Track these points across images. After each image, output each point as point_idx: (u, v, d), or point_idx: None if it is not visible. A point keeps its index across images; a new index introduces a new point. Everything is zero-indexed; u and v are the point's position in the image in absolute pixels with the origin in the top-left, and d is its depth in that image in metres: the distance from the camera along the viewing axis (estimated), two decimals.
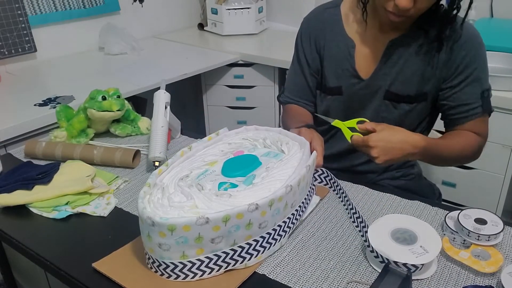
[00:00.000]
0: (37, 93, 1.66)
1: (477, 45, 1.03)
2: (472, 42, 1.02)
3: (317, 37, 1.15)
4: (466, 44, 1.01)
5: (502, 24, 1.96)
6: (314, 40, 1.16)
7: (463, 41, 1.01)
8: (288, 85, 1.26)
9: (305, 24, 1.19)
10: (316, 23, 1.15)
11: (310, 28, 1.17)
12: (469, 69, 1.02)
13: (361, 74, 1.10)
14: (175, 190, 0.79)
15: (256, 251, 0.77)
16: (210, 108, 2.35)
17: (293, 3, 2.46)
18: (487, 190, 1.72)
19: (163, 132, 1.11)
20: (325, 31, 1.14)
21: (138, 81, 1.77)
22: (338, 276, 0.76)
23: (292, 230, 0.85)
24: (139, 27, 2.43)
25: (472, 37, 1.02)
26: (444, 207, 0.94)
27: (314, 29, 1.16)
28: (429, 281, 0.74)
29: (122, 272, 0.76)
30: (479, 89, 1.03)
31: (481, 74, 1.03)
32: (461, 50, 1.02)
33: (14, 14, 1.87)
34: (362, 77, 1.10)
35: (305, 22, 1.19)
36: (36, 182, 1.00)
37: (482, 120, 1.06)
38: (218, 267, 0.75)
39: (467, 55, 1.01)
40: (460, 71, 1.02)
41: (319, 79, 1.18)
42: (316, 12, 1.18)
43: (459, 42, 1.01)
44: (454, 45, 1.02)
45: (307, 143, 0.91)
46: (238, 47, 2.25)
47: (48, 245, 0.87)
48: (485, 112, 1.05)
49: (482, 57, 1.04)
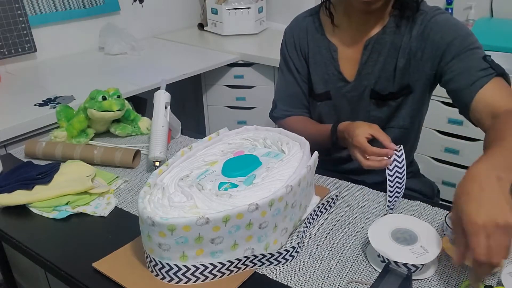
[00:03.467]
0: (37, 93, 1.66)
1: (452, 25, 0.98)
2: (446, 23, 0.98)
3: (301, 45, 1.16)
4: (439, 27, 0.98)
5: (502, 24, 1.96)
6: (299, 48, 1.17)
7: (434, 25, 0.99)
8: (281, 98, 1.23)
9: (288, 33, 1.20)
10: (299, 31, 1.17)
11: (294, 37, 1.18)
12: (456, 45, 0.95)
13: (347, 76, 1.11)
14: (175, 190, 0.79)
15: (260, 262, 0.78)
16: (210, 108, 2.35)
17: (293, 3, 2.47)
18: None
19: (163, 132, 1.11)
20: (307, 39, 1.15)
21: (138, 81, 1.77)
22: (338, 276, 0.76)
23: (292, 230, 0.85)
24: (139, 27, 2.43)
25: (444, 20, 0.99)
26: (444, 207, 0.94)
27: (297, 37, 1.17)
28: (429, 281, 0.74)
29: (122, 272, 0.76)
30: (480, 56, 0.93)
31: (474, 44, 0.95)
32: (436, 34, 0.98)
33: (14, 14, 1.87)
34: (347, 79, 1.11)
35: (288, 31, 1.20)
36: (36, 182, 1.00)
37: (501, 83, 0.90)
38: (213, 276, 0.75)
39: (445, 35, 0.97)
40: (449, 50, 0.96)
41: (308, 86, 1.18)
42: (297, 21, 1.19)
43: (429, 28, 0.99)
44: (424, 33, 1.00)
45: (307, 143, 0.91)
46: (238, 47, 2.25)
47: (48, 245, 0.87)
48: (499, 73, 0.91)
49: (464, 31, 0.97)
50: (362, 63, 1.08)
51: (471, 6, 2.02)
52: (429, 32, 0.99)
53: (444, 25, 0.99)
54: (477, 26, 1.93)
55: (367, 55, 1.07)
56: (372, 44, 1.06)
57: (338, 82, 1.12)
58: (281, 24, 2.58)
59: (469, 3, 2.03)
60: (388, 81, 1.07)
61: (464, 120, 1.07)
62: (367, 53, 1.07)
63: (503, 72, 0.92)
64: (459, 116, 1.00)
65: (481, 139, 1.66)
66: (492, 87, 0.90)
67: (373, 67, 1.07)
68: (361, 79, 1.09)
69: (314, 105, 1.19)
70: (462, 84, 0.93)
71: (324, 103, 1.16)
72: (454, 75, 0.95)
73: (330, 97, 1.14)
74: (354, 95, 1.11)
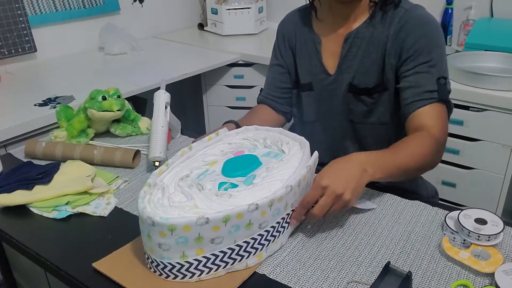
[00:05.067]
0: (37, 93, 1.66)
1: (429, 31, 1.01)
2: (422, 28, 1.01)
3: (289, 37, 1.21)
4: (416, 29, 1.01)
5: (502, 24, 1.96)
6: (287, 41, 1.22)
7: (412, 27, 1.01)
8: (265, 86, 1.30)
9: (279, 27, 1.25)
10: (289, 24, 1.22)
11: (283, 30, 1.23)
12: (421, 55, 1.00)
13: (329, 69, 1.14)
14: (175, 190, 0.79)
15: (254, 249, 0.77)
16: (210, 108, 2.35)
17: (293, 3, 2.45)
18: (487, 190, 1.72)
19: (163, 132, 1.11)
20: (295, 31, 1.20)
21: (138, 81, 1.77)
22: (338, 276, 0.76)
23: (292, 230, 0.85)
24: (139, 27, 2.43)
25: (423, 23, 1.01)
26: (444, 207, 0.94)
27: (287, 30, 1.22)
28: (429, 281, 0.74)
29: (122, 272, 0.76)
30: (435, 75, 1.00)
31: (437, 61, 1.00)
32: (410, 37, 1.01)
33: (14, 14, 1.87)
34: (329, 72, 1.14)
35: (279, 25, 1.26)
36: (36, 182, 1.00)
37: (438, 109, 0.99)
38: (216, 266, 0.74)
39: (418, 41, 1.00)
40: (412, 58, 1.01)
41: (293, 77, 1.22)
42: (289, 15, 1.25)
43: (406, 29, 1.01)
44: (400, 32, 1.02)
45: (307, 143, 0.91)
46: (238, 47, 2.25)
47: (48, 245, 0.87)
48: (441, 99, 0.99)
49: (436, 42, 1.01)
50: (342, 56, 1.11)
51: (471, 6, 2.01)
52: (403, 34, 1.02)
53: (419, 30, 1.01)
54: (477, 26, 1.93)
55: (346, 49, 1.09)
56: (352, 38, 1.08)
57: (321, 74, 1.15)
58: None
59: (469, 3, 2.03)
60: (365, 76, 1.09)
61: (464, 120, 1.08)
62: (347, 46, 1.09)
63: (444, 99, 1.00)
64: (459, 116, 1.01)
65: (481, 139, 1.67)
66: (427, 111, 0.99)
67: (352, 61, 1.10)
68: (341, 72, 1.11)
69: (299, 97, 1.22)
70: (407, 97, 1.02)
71: (306, 93, 1.19)
72: (405, 87, 1.02)
73: (312, 88, 1.18)
74: (335, 87, 1.14)
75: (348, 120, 1.15)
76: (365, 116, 1.12)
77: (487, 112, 1.62)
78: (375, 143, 1.14)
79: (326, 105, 1.17)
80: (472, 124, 1.66)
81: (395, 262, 0.79)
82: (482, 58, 1.81)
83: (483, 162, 1.69)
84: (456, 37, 2.06)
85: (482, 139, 1.67)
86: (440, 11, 2.09)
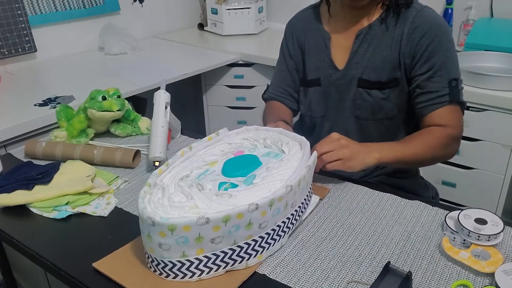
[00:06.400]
0: (37, 93, 1.66)
1: (440, 34, 1.04)
2: (435, 30, 1.04)
3: (298, 35, 1.23)
4: (428, 32, 1.03)
5: (502, 24, 1.96)
6: (296, 38, 1.23)
7: (425, 29, 1.03)
8: (272, 83, 1.32)
9: (288, 25, 1.27)
10: (298, 22, 1.24)
11: (291, 28, 1.25)
12: (434, 58, 1.03)
13: (337, 64, 1.15)
14: (175, 190, 0.79)
15: (255, 251, 0.77)
16: (210, 108, 2.35)
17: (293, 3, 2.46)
18: (487, 190, 1.72)
19: (163, 132, 1.11)
20: (304, 29, 1.22)
21: (138, 81, 1.77)
22: (338, 276, 0.76)
23: (292, 230, 0.85)
24: (139, 27, 2.43)
25: (434, 25, 1.04)
26: (444, 207, 0.94)
27: (295, 28, 1.24)
28: (429, 281, 0.74)
29: (122, 272, 0.76)
30: (446, 78, 1.04)
31: (448, 63, 1.04)
32: (423, 39, 1.03)
33: (14, 14, 1.87)
34: (338, 67, 1.15)
35: (288, 23, 1.28)
36: (36, 182, 1.00)
37: (450, 109, 1.04)
38: (217, 266, 0.75)
39: (430, 44, 1.03)
40: (425, 60, 1.04)
41: (301, 74, 1.24)
42: (298, 14, 1.27)
43: (419, 31, 1.04)
44: (413, 33, 1.04)
45: (308, 143, 0.91)
46: (238, 47, 2.25)
47: (48, 245, 0.87)
48: (453, 101, 1.04)
49: (447, 45, 1.04)
50: (352, 52, 1.12)
51: (471, 6, 2.02)
52: (417, 36, 1.04)
53: (431, 33, 1.03)
54: (477, 26, 1.93)
55: (357, 45, 1.11)
56: (363, 34, 1.10)
57: (329, 69, 1.16)
58: (281, 24, 2.57)
59: (469, 3, 2.03)
60: (374, 72, 1.09)
61: (464, 120, 1.09)
62: (358, 42, 1.11)
63: (457, 100, 1.05)
64: None
65: (482, 139, 1.67)
66: (439, 113, 1.04)
67: (362, 56, 1.11)
68: (350, 67, 1.13)
69: (306, 93, 1.23)
70: (420, 101, 1.07)
71: (313, 89, 1.20)
72: (418, 93, 1.07)
73: (320, 83, 1.18)
74: (343, 83, 1.15)
75: (354, 115, 1.15)
76: (372, 112, 1.13)
77: (487, 112, 1.62)
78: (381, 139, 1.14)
79: (333, 100, 1.18)
80: (472, 124, 1.66)
81: (395, 262, 0.79)
82: (482, 58, 1.82)
83: (483, 162, 1.70)
84: (456, 37, 2.06)
85: (482, 139, 1.67)
86: (440, 11, 2.09)
